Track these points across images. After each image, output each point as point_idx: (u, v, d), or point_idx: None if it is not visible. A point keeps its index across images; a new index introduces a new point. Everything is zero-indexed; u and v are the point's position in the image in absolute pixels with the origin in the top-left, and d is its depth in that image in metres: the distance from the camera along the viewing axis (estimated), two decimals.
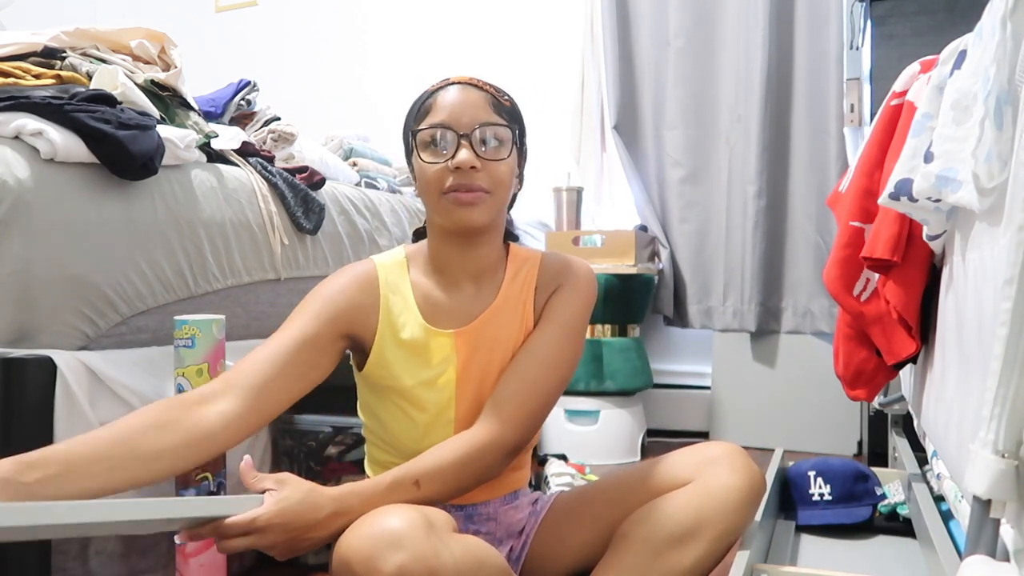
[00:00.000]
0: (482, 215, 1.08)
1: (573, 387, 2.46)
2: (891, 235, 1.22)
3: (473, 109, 1.07)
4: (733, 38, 2.75)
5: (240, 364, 1.04)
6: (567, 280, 1.16)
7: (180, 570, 1.21)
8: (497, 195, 1.09)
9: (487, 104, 1.09)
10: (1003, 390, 0.58)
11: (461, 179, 1.05)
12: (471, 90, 1.09)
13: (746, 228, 2.70)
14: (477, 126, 1.06)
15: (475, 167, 1.05)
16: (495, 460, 1.04)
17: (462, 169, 1.05)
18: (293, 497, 0.91)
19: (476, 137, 1.06)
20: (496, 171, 1.07)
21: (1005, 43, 0.68)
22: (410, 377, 1.12)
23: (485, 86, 1.11)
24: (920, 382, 1.36)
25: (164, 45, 1.54)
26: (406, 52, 3.41)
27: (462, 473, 1.01)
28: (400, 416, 1.13)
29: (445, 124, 1.06)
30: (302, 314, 1.09)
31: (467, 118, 1.06)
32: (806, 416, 2.59)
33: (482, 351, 1.12)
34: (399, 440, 1.14)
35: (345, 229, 1.75)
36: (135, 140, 1.20)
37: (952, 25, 1.91)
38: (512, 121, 1.11)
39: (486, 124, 1.07)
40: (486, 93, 1.10)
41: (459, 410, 1.12)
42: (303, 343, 1.06)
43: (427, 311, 1.14)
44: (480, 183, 1.06)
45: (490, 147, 1.07)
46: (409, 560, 0.83)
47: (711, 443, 1.13)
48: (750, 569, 1.14)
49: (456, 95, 1.08)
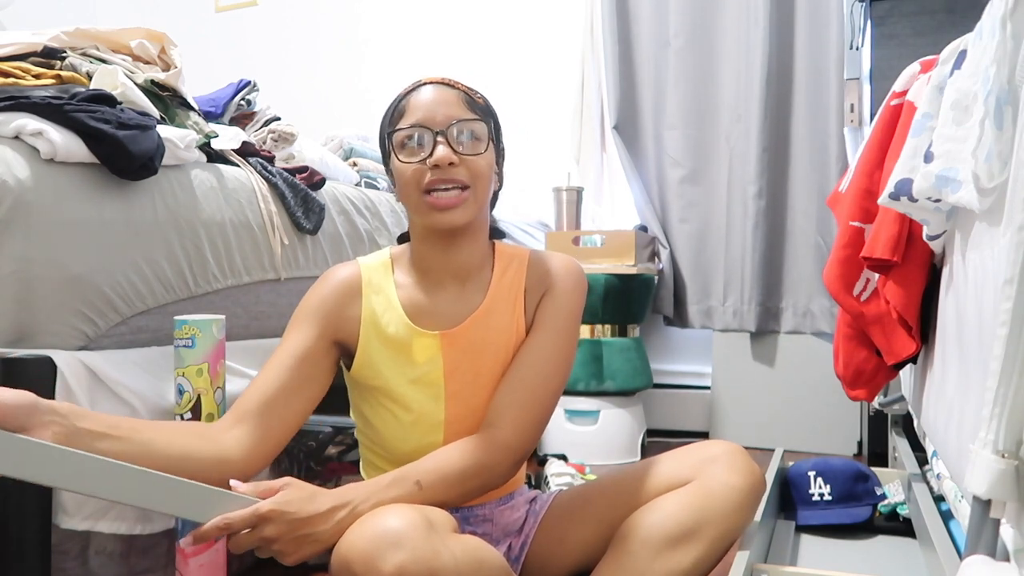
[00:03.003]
0: (463, 215, 1.08)
1: (573, 387, 2.46)
2: (891, 235, 1.22)
3: (447, 107, 1.08)
4: (733, 38, 2.75)
5: (243, 394, 1.08)
6: (557, 282, 1.15)
7: (180, 570, 1.21)
8: (477, 190, 1.09)
9: (460, 101, 1.09)
10: (1003, 390, 0.58)
11: (440, 175, 1.06)
12: (444, 89, 1.10)
13: (746, 228, 2.70)
14: (453, 123, 1.07)
15: (453, 163, 1.06)
16: (504, 471, 1.05)
17: (440, 166, 1.05)
18: (295, 492, 0.93)
19: (452, 133, 1.07)
20: (475, 165, 1.08)
21: (1005, 43, 0.68)
22: (395, 376, 1.12)
23: (457, 84, 1.12)
24: (920, 382, 1.36)
25: (164, 45, 1.54)
26: (406, 52, 3.41)
27: (467, 480, 1.01)
28: (386, 416, 1.14)
29: (421, 123, 1.07)
30: (291, 334, 1.12)
31: (441, 116, 1.07)
32: (806, 416, 2.59)
33: (471, 354, 1.12)
34: (386, 441, 1.15)
35: (345, 229, 1.75)
36: (135, 140, 1.20)
37: (952, 25, 1.91)
38: (487, 117, 1.11)
39: (462, 120, 1.07)
40: (459, 91, 1.11)
41: (449, 413, 1.12)
42: (297, 361, 1.09)
43: (411, 311, 1.14)
44: (459, 177, 1.07)
45: (467, 142, 1.08)
46: (409, 560, 0.83)
47: (711, 442, 1.13)
48: (750, 569, 1.14)
49: (429, 94, 1.09)
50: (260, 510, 0.89)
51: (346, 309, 1.14)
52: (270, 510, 0.89)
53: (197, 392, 1.20)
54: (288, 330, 1.14)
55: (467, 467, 1.01)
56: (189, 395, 1.20)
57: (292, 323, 1.14)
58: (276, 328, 1.53)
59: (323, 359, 1.12)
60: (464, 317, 1.13)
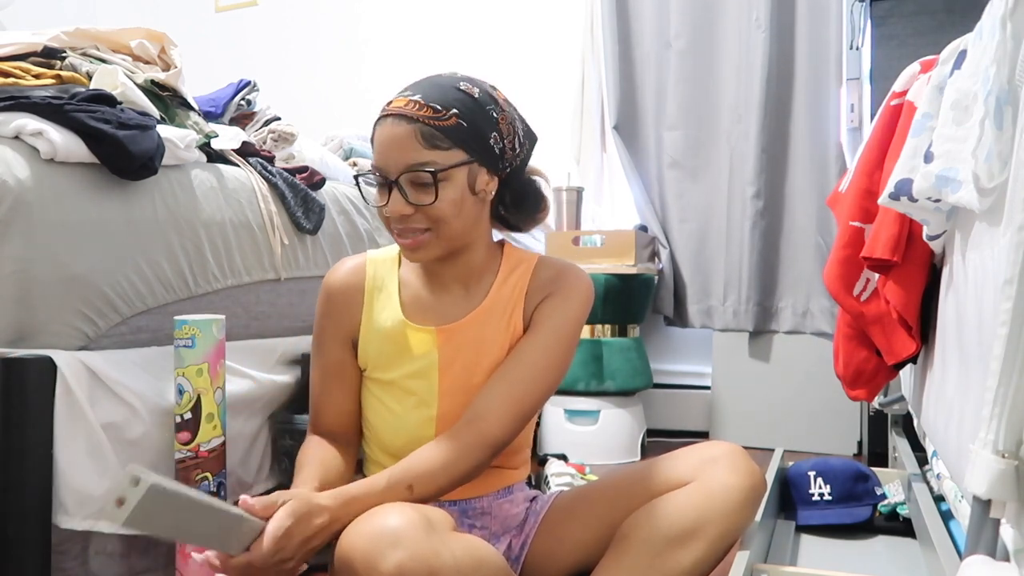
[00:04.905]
0: (428, 253, 1.08)
1: (573, 387, 2.46)
2: (891, 235, 1.22)
3: (400, 151, 1.02)
4: (733, 38, 2.75)
5: (315, 415, 1.19)
6: (561, 287, 1.14)
7: (180, 570, 1.21)
8: (440, 230, 1.06)
9: (415, 139, 1.02)
10: (1003, 390, 0.58)
11: (397, 223, 1.06)
12: (400, 124, 1.02)
13: (746, 228, 2.70)
14: (403, 171, 1.03)
15: (405, 214, 1.04)
16: (482, 458, 1.05)
17: (393, 217, 1.06)
18: (292, 513, 0.91)
19: (403, 182, 1.03)
20: (431, 212, 1.04)
21: (1005, 43, 0.68)
22: (390, 369, 1.14)
23: (416, 114, 1.02)
24: (920, 382, 1.36)
25: (164, 45, 1.54)
26: (406, 52, 3.41)
27: (452, 472, 1.02)
28: (380, 409, 1.16)
29: (378, 167, 1.06)
30: (316, 346, 1.20)
31: (393, 162, 1.03)
32: (806, 416, 2.59)
33: (467, 351, 1.13)
34: (380, 435, 1.16)
35: (345, 229, 1.75)
36: (135, 140, 1.20)
37: (952, 25, 1.91)
38: (455, 142, 1.03)
39: (411, 168, 1.02)
40: (416, 124, 1.02)
41: (441, 408, 1.12)
42: (332, 371, 1.18)
43: (410, 306, 1.15)
44: (416, 225, 1.05)
45: (419, 191, 1.04)
46: (408, 558, 0.83)
47: (712, 443, 1.13)
48: (750, 569, 1.14)
49: (385, 133, 1.04)
50: (253, 564, 0.89)
51: (350, 307, 1.17)
52: (264, 562, 0.89)
53: (197, 392, 1.21)
54: (313, 341, 1.20)
55: (451, 460, 1.02)
56: (189, 395, 1.20)
57: (317, 332, 1.19)
58: (276, 328, 1.53)
59: (349, 357, 1.18)
60: (463, 315, 1.14)
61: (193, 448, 1.21)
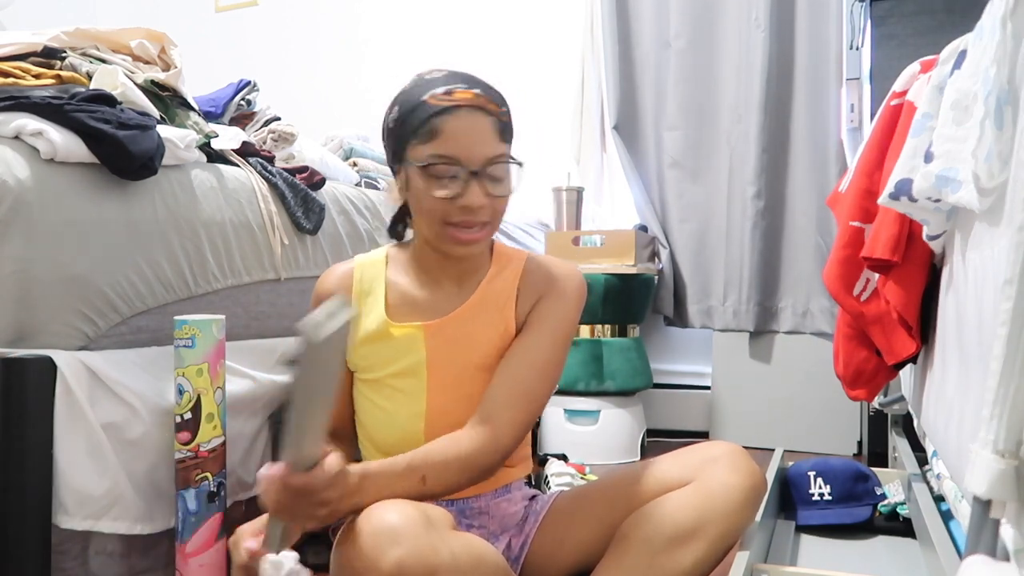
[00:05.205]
0: (480, 247, 1.11)
1: (573, 387, 2.46)
2: (891, 235, 1.22)
3: (483, 143, 1.03)
4: (733, 38, 2.75)
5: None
6: (555, 287, 1.15)
7: (180, 570, 1.21)
8: (495, 223, 1.10)
9: (494, 131, 1.05)
10: (1003, 390, 0.58)
11: (466, 216, 1.05)
12: (479, 117, 1.03)
13: (746, 228, 2.70)
14: (488, 163, 1.04)
15: (484, 206, 1.05)
16: (493, 463, 1.06)
17: (471, 208, 1.04)
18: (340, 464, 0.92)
19: (487, 174, 1.05)
20: (499, 205, 1.08)
21: (1005, 43, 0.68)
22: (378, 368, 1.16)
23: (490, 106, 1.05)
24: (920, 382, 1.36)
25: (164, 45, 1.54)
26: (406, 52, 3.41)
27: (463, 472, 1.03)
28: (369, 407, 1.17)
29: (455, 159, 1.03)
30: None
31: (477, 153, 1.03)
32: (806, 416, 2.59)
33: (456, 347, 1.13)
34: (372, 433, 1.17)
35: (345, 229, 1.75)
36: (135, 140, 1.20)
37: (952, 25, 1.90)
38: (510, 138, 1.09)
39: (496, 160, 1.05)
40: (492, 117, 1.05)
41: (431, 403, 1.13)
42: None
43: (396, 306, 1.16)
44: (484, 217, 1.07)
45: (498, 184, 1.06)
46: (407, 556, 0.84)
47: (712, 443, 1.13)
48: (750, 569, 1.14)
49: (465, 124, 1.03)
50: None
51: None
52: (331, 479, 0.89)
53: (197, 392, 1.21)
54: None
55: (466, 460, 1.03)
56: (189, 395, 1.20)
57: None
58: (276, 328, 1.53)
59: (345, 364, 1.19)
60: (452, 310, 1.15)
61: (193, 448, 1.21)
